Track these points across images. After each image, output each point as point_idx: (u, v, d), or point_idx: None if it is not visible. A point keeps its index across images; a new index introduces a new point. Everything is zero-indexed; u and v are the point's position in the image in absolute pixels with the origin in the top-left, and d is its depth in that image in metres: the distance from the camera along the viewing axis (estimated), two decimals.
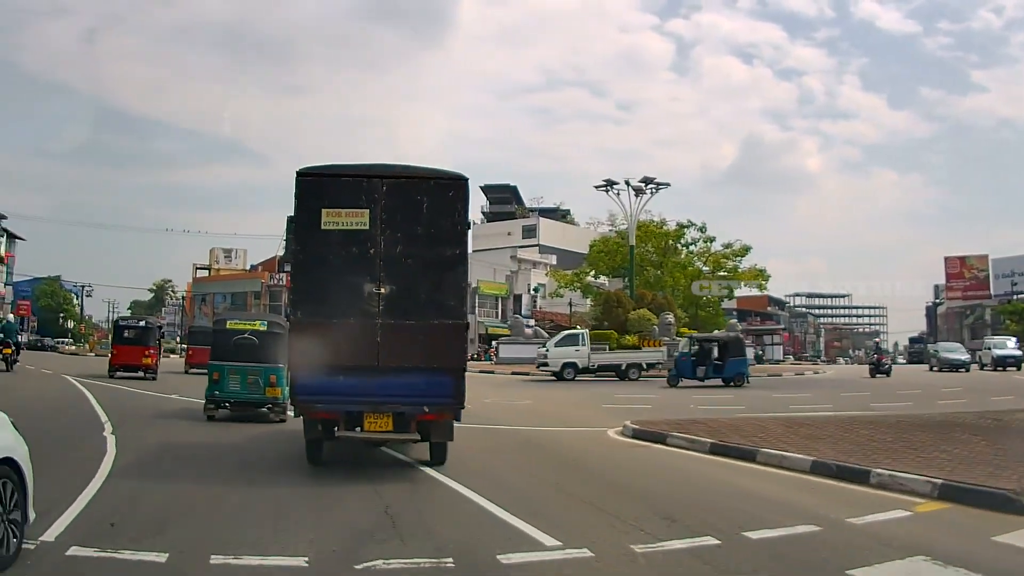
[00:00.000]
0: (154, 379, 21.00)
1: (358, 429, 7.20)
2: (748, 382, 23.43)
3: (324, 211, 7.24)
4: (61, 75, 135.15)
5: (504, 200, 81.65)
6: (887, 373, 29.57)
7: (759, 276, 45.60)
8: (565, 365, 25.86)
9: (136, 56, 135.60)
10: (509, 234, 72.32)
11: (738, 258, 45.50)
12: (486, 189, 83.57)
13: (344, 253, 7.25)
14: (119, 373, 21.08)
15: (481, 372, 29.73)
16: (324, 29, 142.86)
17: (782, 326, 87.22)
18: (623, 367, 27.13)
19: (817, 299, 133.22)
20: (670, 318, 34.94)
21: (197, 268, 70.04)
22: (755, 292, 56.05)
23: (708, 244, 45.95)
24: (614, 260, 46.26)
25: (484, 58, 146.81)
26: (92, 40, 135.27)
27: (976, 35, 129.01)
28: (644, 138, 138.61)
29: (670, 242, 46.08)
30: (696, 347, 24.46)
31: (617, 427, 11.34)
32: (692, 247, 46.58)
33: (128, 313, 79.30)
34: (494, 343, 53.56)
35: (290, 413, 10.24)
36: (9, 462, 4.09)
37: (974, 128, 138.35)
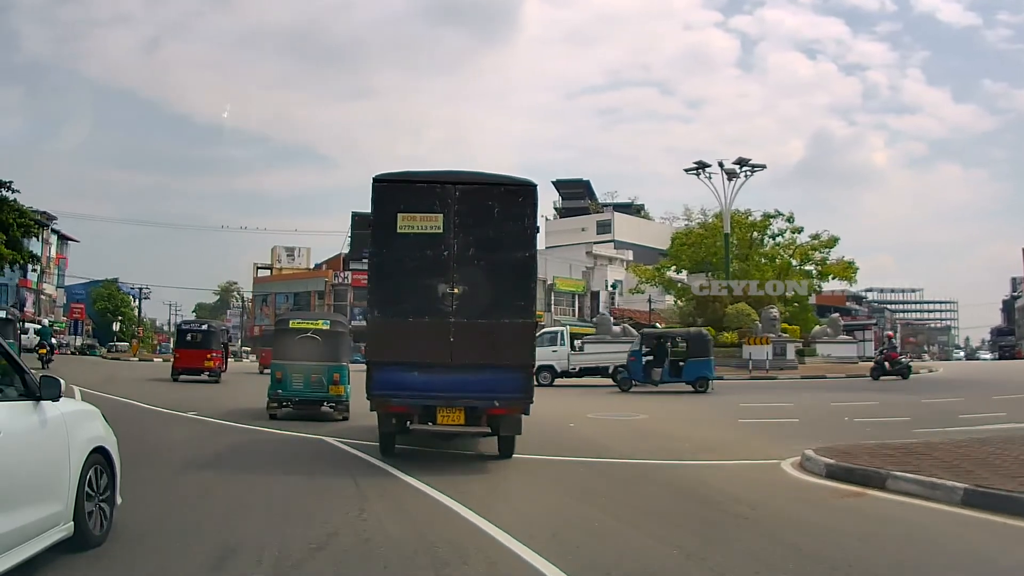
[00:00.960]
0: (216, 382, 21.82)
1: (431, 423, 7.88)
2: (712, 388, 20.65)
3: (400, 215, 7.98)
4: (125, 83, 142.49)
5: (577, 195, 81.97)
6: (903, 374, 24.45)
7: (848, 269, 43.11)
8: (540, 368, 20.89)
9: (200, 63, 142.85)
10: (583, 230, 72.21)
11: (826, 249, 43.14)
12: (558, 184, 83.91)
13: (419, 255, 7.96)
14: (182, 377, 21.85)
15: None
16: (389, 32, 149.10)
17: (873, 321, 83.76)
18: (611, 369, 23.63)
19: (888, 294, 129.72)
20: (774, 312, 32.54)
21: (258, 268, 69.73)
22: (844, 287, 53.26)
23: (795, 235, 44.06)
24: (698, 253, 44.90)
25: (549, 59, 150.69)
26: (155, 48, 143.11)
27: None
28: (712, 136, 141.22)
29: (755, 233, 44.46)
30: (652, 345, 21.67)
31: (787, 456, 8.42)
32: (778, 238, 44.49)
33: (193, 316, 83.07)
34: (576, 343, 52.83)
35: (358, 410, 10.72)
36: (102, 451, 4.66)
37: None
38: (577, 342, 50.44)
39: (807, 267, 43.28)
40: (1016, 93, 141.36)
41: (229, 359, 26.14)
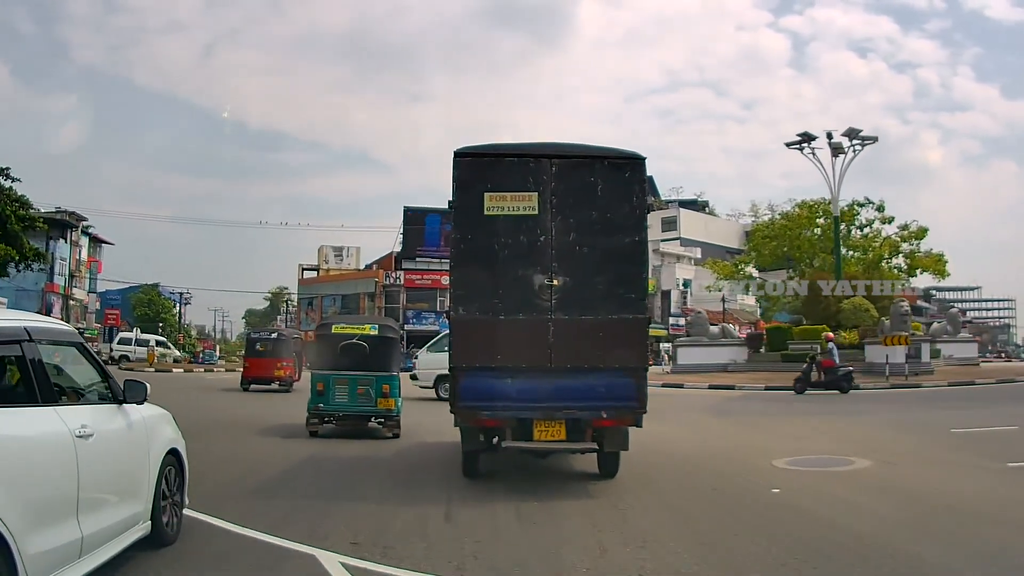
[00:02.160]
0: (288, 391, 21.43)
1: (526, 439, 7.02)
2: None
3: (487, 195, 7.16)
4: (181, 90, 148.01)
5: None
6: (841, 388, 20.54)
7: (939, 263, 40.05)
8: (440, 378, 18.11)
9: (255, 70, 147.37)
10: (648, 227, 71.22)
11: (915, 241, 40.46)
12: None
13: (510, 242, 7.13)
14: (252, 386, 21.90)
15: (665, 386, 24.16)
16: (445, 35, 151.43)
17: (967, 318, 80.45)
18: None
19: (947, 292, 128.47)
20: (905, 306, 28.54)
21: (304, 269, 67.67)
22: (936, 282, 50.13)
23: (882, 226, 41.20)
24: (780, 246, 42.45)
25: (605, 60, 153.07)
26: (210, 55, 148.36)
27: None
28: (768, 136, 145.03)
29: (844, 224, 41.56)
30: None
31: None
32: (866, 229, 41.50)
33: (243, 323, 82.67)
34: (663, 346, 52.04)
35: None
36: (174, 452, 5.06)
37: None
38: (664, 346, 46.40)
39: (895, 260, 40.66)
40: None
41: (303, 367, 25.45)
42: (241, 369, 24.47)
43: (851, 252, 40.66)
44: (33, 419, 3.59)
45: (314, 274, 67.38)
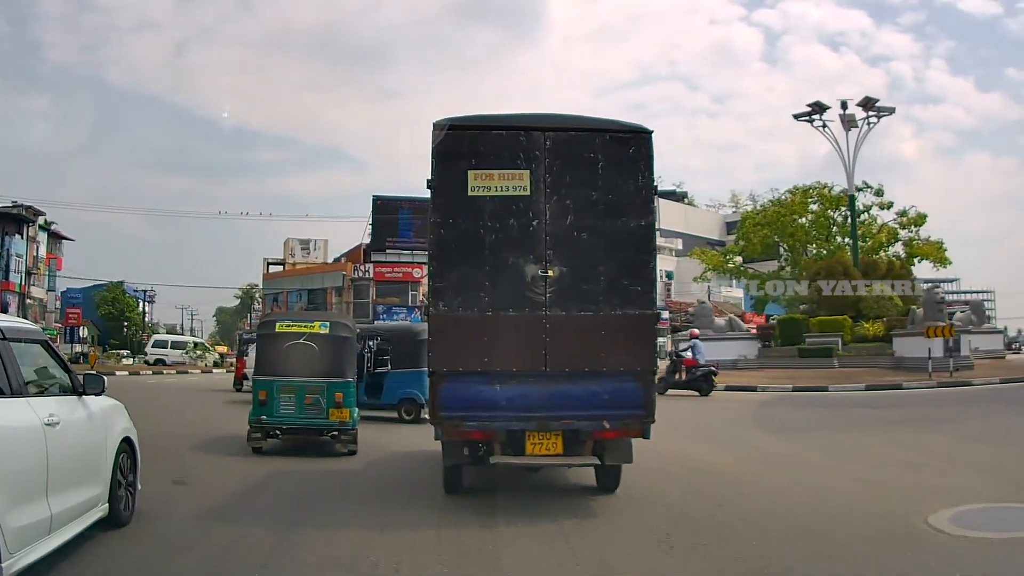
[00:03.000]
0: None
1: (517, 453, 6.33)
2: (424, 414, 12.64)
3: (471, 173, 6.42)
4: (152, 88, 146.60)
5: None
6: (700, 389, 19.62)
7: (940, 251, 39.10)
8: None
9: (227, 67, 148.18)
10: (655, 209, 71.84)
11: (914, 228, 39.58)
12: None
13: (498, 226, 6.40)
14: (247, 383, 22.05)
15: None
16: (417, 31, 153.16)
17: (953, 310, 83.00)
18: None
19: (925, 284, 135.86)
20: (940, 293, 27.06)
21: (269, 263, 65.98)
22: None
23: (878, 212, 40.35)
24: (772, 234, 41.29)
25: (577, 55, 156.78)
26: (182, 53, 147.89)
27: None
28: (741, 130, 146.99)
29: (843, 209, 40.72)
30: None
31: None
32: (863, 215, 40.38)
33: (214, 320, 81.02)
34: (661, 340, 51.28)
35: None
36: (128, 440, 5.68)
37: None
38: (659, 340, 47.59)
39: (892, 249, 39.83)
40: None
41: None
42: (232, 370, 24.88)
43: (846, 240, 39.78)
44: (8, 409, 4.07)
45: (280, 268, 65.93)
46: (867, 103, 32.39)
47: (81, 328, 53.38)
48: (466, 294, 6.43)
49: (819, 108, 33.25)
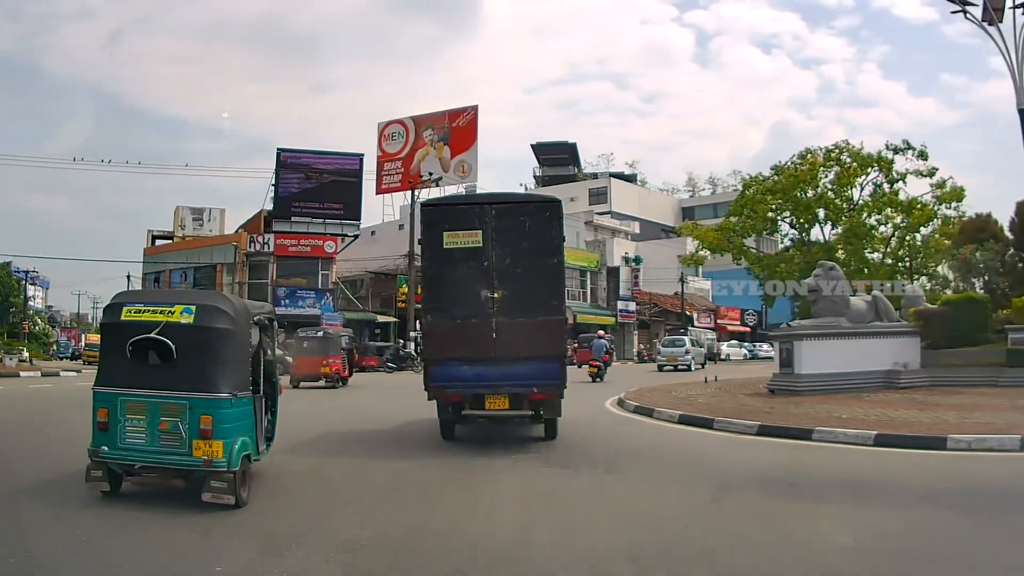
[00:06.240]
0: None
1: (481, 409, 12.09)
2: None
3: (446, 234, 12.27)
4: (88, 77, 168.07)
5: (561, 162, 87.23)
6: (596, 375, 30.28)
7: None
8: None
9: (163, 57, 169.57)
10: (572, 199, 76.74)
11: (954, 203, 38.31)
12: (539, 148, 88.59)
13: (464, 266, 12.19)
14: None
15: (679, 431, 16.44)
16: (353, 23, 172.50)
17: None
18: None
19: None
20: None
21: (155, 236, 63.10)
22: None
23: (900, 184, 38.51)
24: (785, 204, 39.28)
25: (513, 52, 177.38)
26: (118, 42, 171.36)
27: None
28: (671, 129, 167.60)
29: (879, 175, 38.79)
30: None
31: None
32: (897, 184, 38.44)
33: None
34: (658, 341, 55.75)
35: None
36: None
37: (1000, 115, 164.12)
38: (659, 344, 48.96)
39: (924, 230, 39.00)
40: (976, 87, 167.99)
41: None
42: None
43: (872, 216, 38.44)
44: None
45: (170, 243, 62.55)
46: None
47: None
48: (444, 310, 12.42)
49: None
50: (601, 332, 32.48)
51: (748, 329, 74.74)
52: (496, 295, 12.15)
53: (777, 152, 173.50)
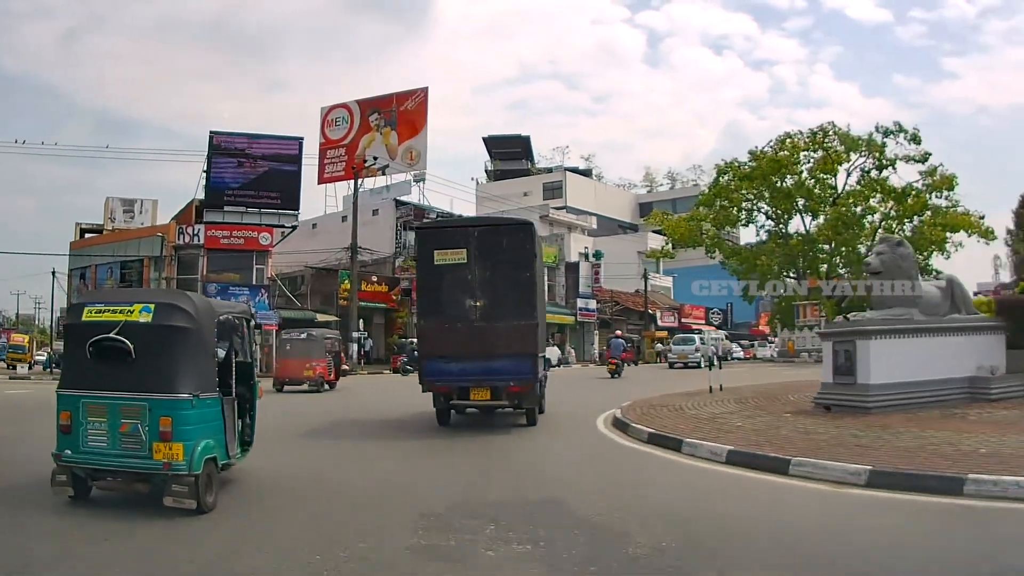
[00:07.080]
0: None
1: (466, 399, 14.96)
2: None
3: (436, 252, 15.05)
4: (43, 76, 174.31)
5: (514, 156, 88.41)
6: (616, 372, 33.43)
7: (978, 226, 38.17)
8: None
9: (118, 56, 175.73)
10: (526, 194, 78.19)
11: (945, 192, 38.24)
12: (491, 142, 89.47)
13: (451, 279, 14.84)
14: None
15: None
16: (306, 22, 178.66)
17: None
18: None
19: None
20: None
21: (84, 229, 59.79)
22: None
23: (894, 169, 38.36)
24: (763, 190, 38.20)
25: (464, 52, 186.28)
26: (73, 40, 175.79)
27: (950, 23, 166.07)
28: (624, 129, 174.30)
29: (866, 159, 38.47)
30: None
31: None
32: (887, 171, 38.40)
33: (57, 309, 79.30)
34: (660, 343, 56.16)
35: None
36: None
37: (954, 115, 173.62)
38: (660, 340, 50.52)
39: (918, 219, 39.13)
40: (929, 88, 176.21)
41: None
42: None
43: (858, 205, 37.32)
44: None
45: (97, 236, 58.02)
46: None
47: None
48: (435, 314, 15.26)
49: None
50: (618, 332, 37.05)
51: (713, 328, 70.91)
52: (479, 303, 14.72)
53: (729, 152, 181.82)
